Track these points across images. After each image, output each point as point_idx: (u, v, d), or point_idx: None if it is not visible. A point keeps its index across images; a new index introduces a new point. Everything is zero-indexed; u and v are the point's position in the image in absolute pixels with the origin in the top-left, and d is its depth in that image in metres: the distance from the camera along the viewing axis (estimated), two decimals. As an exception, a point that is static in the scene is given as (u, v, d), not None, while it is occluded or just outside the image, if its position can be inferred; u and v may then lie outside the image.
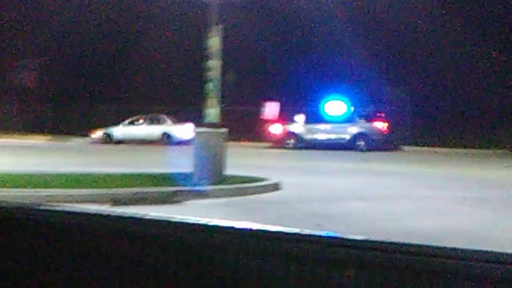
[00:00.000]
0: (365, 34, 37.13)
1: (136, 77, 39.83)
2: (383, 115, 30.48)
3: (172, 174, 13.77)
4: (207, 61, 13.37)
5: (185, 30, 34.39)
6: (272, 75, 38.50)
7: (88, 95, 40.06)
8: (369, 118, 29.94)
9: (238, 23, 28.62)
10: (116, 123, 34.02)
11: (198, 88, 14.86)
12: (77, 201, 10.56)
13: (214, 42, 13.13)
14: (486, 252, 1.46)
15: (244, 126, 33.72)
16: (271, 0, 34.47)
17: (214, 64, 13.17)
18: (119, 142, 32.73)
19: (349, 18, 35.55)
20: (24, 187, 11.34)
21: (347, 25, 35.39)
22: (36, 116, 39.99)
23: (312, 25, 37.21)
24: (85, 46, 41.68)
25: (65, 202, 10.49)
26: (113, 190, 11.19)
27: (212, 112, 13.19)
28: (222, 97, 13.68)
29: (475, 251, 1.47)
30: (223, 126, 13.54)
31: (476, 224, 9.51)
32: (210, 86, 13.24)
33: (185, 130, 30.55)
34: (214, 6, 13.05)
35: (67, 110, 39.27)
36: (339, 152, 27.24)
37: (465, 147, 29.16)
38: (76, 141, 33.95)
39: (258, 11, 32.07)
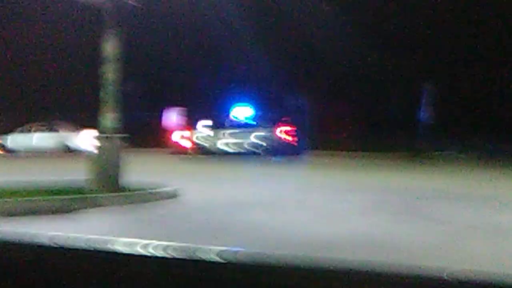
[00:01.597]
0: (270, 39, 37.30)
1: (30, 84, 38.58)
2: (288, 120, 30.53)
3: (65, 183, 13.23)
4: (102, 66, 12.91)
5: (82, 34, 33.51)
6: (176, 82, 38.12)
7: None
8: (274, 124, 29.93)
9: (140, 28, 28.15)
10: (9, 131, 32.70)
11: (95, 94, 14.33)
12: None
13: (109, 46, 12.69)
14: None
15: (148, 133, 33.24)
16: (173, 5, 33.99)
17: (109, 69, 12.72)
18: (13, 151, 31.49)
19: (253, 23, 35.62)
20: None
21: (251, 31, 35.45)
22: None
23: (214, 32, 37.07)
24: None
25: None
26: (1, 201, 10.54)
27: (107, 118, 12.73)
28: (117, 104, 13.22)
29: None
30: (120, 133, 13.10)
31: (375, 229, 9.50)
32: (105, 92, 12.78)
33: (81, 138, 29.71)
34: (108, 9, 12.62)
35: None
36: (242, 158, 27.16)
37: (364, 152, 29.71)
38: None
39: (159, 16, 31.60)
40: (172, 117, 33.00)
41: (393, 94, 37.61)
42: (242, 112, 30.29)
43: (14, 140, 31.98)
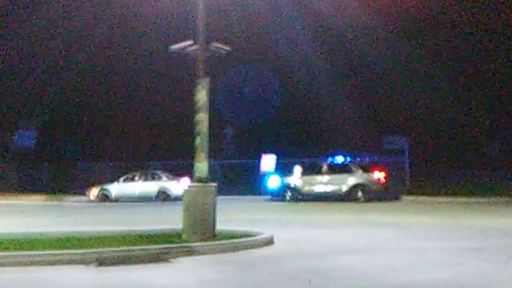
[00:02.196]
0: (360, 86, 37.19)
1: (130, 134, 39.82)
2: (380, 165, 30.17)
3: (162, 231, 13.48)
4: (195, 114, 13.14)
5: (176, 83, 34.42)
6: (268, 127, 38.46)
7: (83, 154, 40.00)
8: (368, 168, 29.63)
9: (233, 75, 28.70)
10: (112, 180, 33.73)
11: (190, 142, 14.60)
12: (61, 263, 10.23)
13: (201, 95, 12.93)
14: None
15: (243, 179, 33.53)
16: (261, 54, 34.61)
17: (202, 117, 12.94)
18: (116, 200, 32.41)
19: (342, 71, 35.63)
20: (8, 249, 11.01)
21: (340, 77, 35.45)
22: (32, 176, 39.72)
23: (304, 78, 37.29)
24: (78, 105, 41.71)
25: (49, 264, 10.18)
26: (99, 250, 10.82)
27: (201, 166, 12.90)
28: (217, 151, 13.41)
29: None
30: (214, 181, 13.25)
31: (473, 276, 9.13)
32: (198, 140, 12.99)
33: (181, 186, 30.24)
34: (200, 59, 12.90)
35: (62, 169, 39.03)
36: (337, 203, 26.92)
37: (465, 196, 28.74)
38: (72, 200, 33.60)
39: (249, 61, 32.12)
40: (269, 162, 33.16)
41: (489, 132, 36.53)
42: (336, 157, 30.23)
43: (117, 188, 32.93)
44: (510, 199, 27.17)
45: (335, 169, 29.63)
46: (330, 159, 30.35)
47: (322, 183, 29.62)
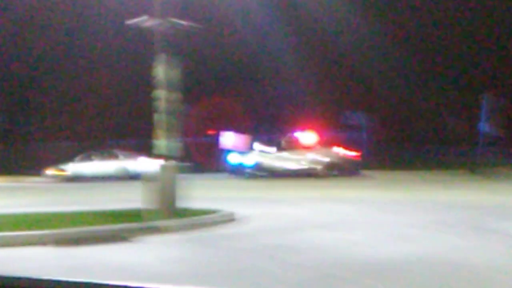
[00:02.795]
0: (319, 61, 37.17)
1: (87, 113, 39.25)
2: (340, 140, 30.23)
3: (122, 210, 13.25)
4: (155, 91, 12.90)
5: (134, 59, 33.89)
6: (230, 104, 38.24)
7: (39, 133, 39.30)
8: (327, 144, 29.65)
9: (193, 51, 28.37)
10: (69, 160, 33.19)
11: (150, 119, 14.36)
12: (19, 244, 9.95)
13: (159, 71, 12.68)
14: None
15: (204, 156, 33.34)
16: (223, 31, 34.29)
17: (161, 94, 12.70)
18: (73, 179, 31.92)
19: (302, 45, 35.56)
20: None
21: (300, 52, 35.37)
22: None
23: (262, 53, 37.14)
24: (32, 83, 40.89)
25: (6, 245, 9.90)
26: (57, 230, 10.56)
27: (161, 144, 12.69)
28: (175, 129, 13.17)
29: None
30: (177, 157, 13.04)
31: (437, 248, 9.14)
32: (157, 117, 12.76)
33: (139, 164, 29.88)
34: (159, 33, 12.63)
35: (18, 149, 38.28)
36: (299, 179, 26.92)
37: (424, 169, 29.03)
38: (29, 180, 33.02)
39: (211, 38, 31.79)
40: (229, 139, 33.00)
41: (452, 107, 36.89)
42: (297, 133, 30.16)
43: (76, 167, 32.43)
44: (467, 171, 27.53)
45: (295, 145, 29.59)
46: (290, 135, 30.27)
47: (283, 160, 29.57)
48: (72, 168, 32.53)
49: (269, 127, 33.15)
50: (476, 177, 25.52)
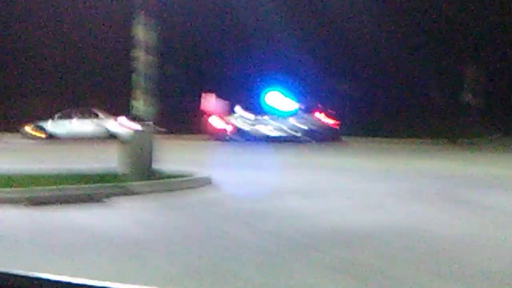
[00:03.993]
0: (307, 23, 36.88)
1: (63, 69, 38.78)
2: (325, 107, 30.11)
3: (98, 171, 13.11)
4: (134, 51, 12.69)
5: (113, 18, 33.39)
6: (210, 66, 37.93)
7: (16, 90, 38.84)
8: (311, 110, 29.57)
9: (173, 12, 27.94)
10: (46, 118, 32.80)
11: (127, 80, 14.17)
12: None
13: (139, 31, 12.46)
14: None
15: (184, 119, 33.13)
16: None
17: (139, 54, 12.50)
18: (52, 136, 31.61)
19: (288, 8, 35.25)
20: None
21: (286, 15, 35.08)
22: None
23: (249, 13, 36.73)
24: (9, 38, 40.24)
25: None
26: (29, 190, 10.43)
27: (139, 105, 12.52)
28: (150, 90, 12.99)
29: None
30: (154, 119, 12.89)
31: (411, 218, 9.13)
32: (135, 77, 12.57)
33: (118, 124, 29.61)
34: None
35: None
36: (279, 145, 26.86)
37: (406, 138, 29.02)
38: (5, 138, 32.71)
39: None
40: (209, 102, 32.78)
41: (434, 77, 36.82)
42: (279, 98, 29.94)
43: (54, 125, 32.11)
44: (449, 142, 27.57)
45: (278, 110, 29.46)
46: (272, 99, 30.05)
47: (264, 124, 29.48)
48: (51, 125, 32.21)
49: (252, 91, 32.88)
50: (456, 148, 25.59)
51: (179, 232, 8.15)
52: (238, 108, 30.39)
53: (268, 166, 17.54)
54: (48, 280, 1.42)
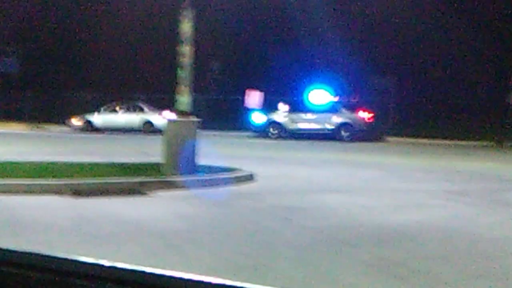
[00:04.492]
0: (350, 23, 36.72)
1: (112, 64, 39.34)
2: (366, 104, 29.93)
3: (142, 164, 13.31)
4: (179, 46, 12.81)
5: (162, 14, 33.70)
6: (255, 64, 38.02)
7: (66, 82, 39.55)
8: (353, 108, 29.45)
9: (219, 11, 28.13)
10: (93, 111, 33.35)
11: (173, 75, 14.31)
12: (36, 192, 10.05)
13: (186, 27, 12.56)
14: None
15: (228, 115, 33.31)
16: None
17: (186, 50, 12.60)
18: (97, 129, 32.13)
19: (332, 5, 35.12)
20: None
21: (331, 13, 34.98)
22: (16, 104, 39.24)
23: (293, 12, 36.71)
24: (62, 34, 41.02)
25: (25, 192, 10.01)
26: (75, 180, 10.64)
27: (183, 100, 12.63)
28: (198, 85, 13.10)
29: None
30: (198, 114, 13.02)
31: (452, 218, 9.06)
32: (181, 72, 12.68)
33: (163, 118, 29.89)
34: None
35: (46, 98, 38.54)
36: (322, 142, 26.84)
37: (450, 138, 28.66)
38: (54, 129, 33.33)
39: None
40: (253, 98, 32.89)
41: (480, 78, 36.31)
42: (321, 95, 29.88)
43: (100, 118, 32.62)
44: (494, 143, 27.17)
45: (320, 107, 29.41)
46: (315, 97, 30.01)
47: (307, 121, 29.46)
48: (97, 118, 32.73)
49: (295, 88, 32.86)
50: (502, 150, 25.21)
51: (220, 226, 8.24)
52: (281, 105, 30.44)
53: (309, 162, 17.56)
54: (85, 263, 1.48)
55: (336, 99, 29.96)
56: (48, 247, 6.64)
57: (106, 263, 1.45)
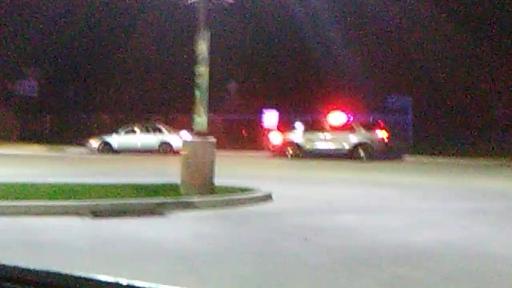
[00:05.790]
0: (367, 42, 36.75)
1: (130, 86, 39.67)
2: (383, 124, 29.83)
3: (160, 184, 13.34)
4: (196, 67, 12.87)
5: (177, 35, 33.97)
6: (271, 83, 38.12)
7: (84, 105, 39.92)
8: (371, 127, 29.36)
9: (235, 31, 28.30)
10: (112, 132, 33.53)
11: (190, 95, 14.37)
12: (56, 213, 10.10)
13: (202, 47, 12.63)
14: None
15: (245, 135, 33.39)
16: (267, 8, 34.01)
17: (202, 71, 12.67)
18: (116, 150, 32.29)
19: (348, 26, 35.19)
20: (4, 198, 10.87)
21: (347, 33, 35.04)
22: (35, 126, 39.61)
23: (309, 32, 36.82)
24: (81, 57, 41.43)
25: (44, 213, 10.06)
26: (93, 201, 10.69)
27: (200, 120, 12.68)
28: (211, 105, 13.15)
29: None
30: (213, 135, 13.04)
31: (471, 237, 8.98)
32: (198, 93, 12.74)
33: (181, 139, 29.99)
34: (201, 9, 12.56)
35: (65, 120, 38.87)
36: (339, 161, 26.78)
37: (469, 157, 28.47)
38: (73, 151, 33.53)
39: (252, 18, 31.60)
40: (271, 118, 32.94)
41: (499, 96, 36.13)
42: (337, 115, 29.85)
43: (119, 139, 32.77)
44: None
45: (337, 127, 29.36)
46: (333, 116, 30.00)
47: (324, 141, 29.41)
48: (115, 139, 32.89)
49: (312, 108, 32.91)
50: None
51: (238, 246, 8.22)
52: (298, 124, 30.43)
53: (327, 181, 17.52)
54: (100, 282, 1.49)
55: (353, 118, 29.91)
56: (68, 267, 6.65)
57: (124, 281, 1.46)
